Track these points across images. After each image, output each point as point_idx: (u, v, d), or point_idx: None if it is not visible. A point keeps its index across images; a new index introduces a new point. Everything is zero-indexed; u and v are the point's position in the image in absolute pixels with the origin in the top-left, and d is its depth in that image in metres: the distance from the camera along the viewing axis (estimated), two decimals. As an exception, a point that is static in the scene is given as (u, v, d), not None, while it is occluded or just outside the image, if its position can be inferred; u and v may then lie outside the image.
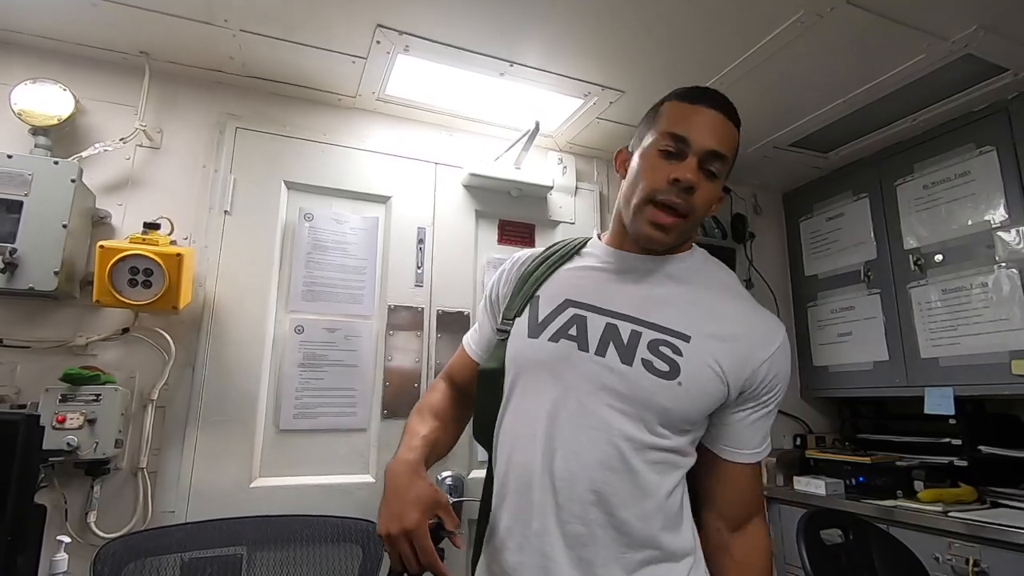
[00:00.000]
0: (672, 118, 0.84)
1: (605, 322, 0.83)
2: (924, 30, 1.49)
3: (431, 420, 0.94)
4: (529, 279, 0.94)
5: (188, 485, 1.48)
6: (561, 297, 0.88)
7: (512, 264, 1.01)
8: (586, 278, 0.91)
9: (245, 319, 1.61)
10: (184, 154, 1.66)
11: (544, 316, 0.87)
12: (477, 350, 1.01)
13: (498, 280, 1.01)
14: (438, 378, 1.06)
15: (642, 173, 0.84)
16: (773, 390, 0.85)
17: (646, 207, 0.82)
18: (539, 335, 0.85)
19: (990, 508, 1.72)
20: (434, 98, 1.86)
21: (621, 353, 0.80)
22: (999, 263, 1.78)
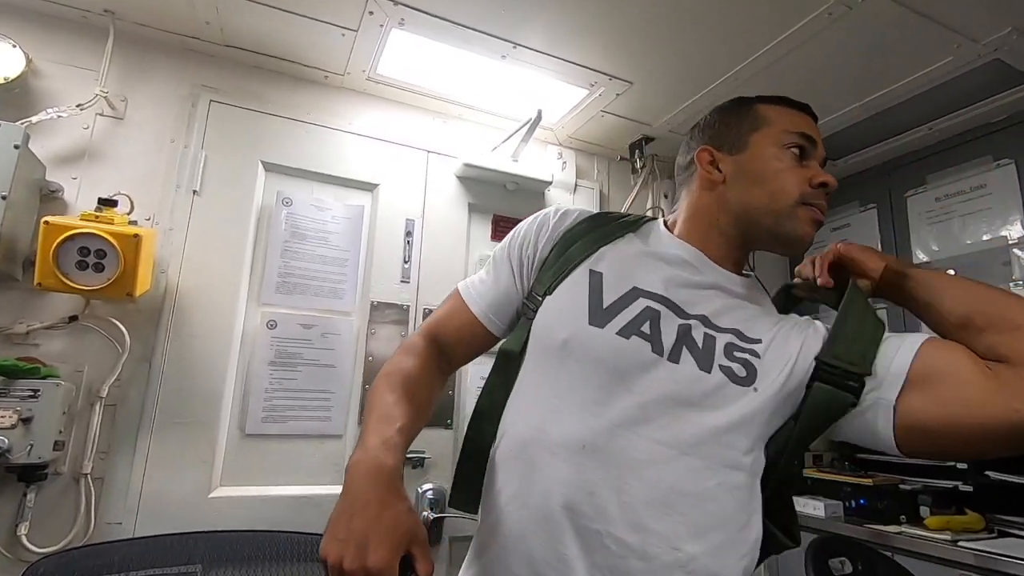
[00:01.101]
0: (792, 120, 0.81)
1: (679, 322, 0.73)
2: (956, 29, 1.40)
3: (406, 402, 0.72)
4: (577, 243, 0.79)
5: (138, 494, 1.32)
6: (628, 282, 0.75)
7: (555, 215, 0.82)
8: (656, 269, 0.78)
9: (211, 311, 1.46)
10: (150, 126, 1.50)
11: (611, 302, 0.73)
12: (483, 305, 0.81)
13: (535, 230, 0.82)
14: (416, 334, 0.84)
15: (782, 176, 0.77)
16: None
17: (801, 209, 0.77)
18: (604, 324, 0.71)
19: (998, 537, 1.64)
20: (429, 80, 1.73)
21: (699, 359, 0.71)
22: (1016, 281, 1.70)
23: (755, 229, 0.79)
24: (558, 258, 0.78)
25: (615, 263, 0.78)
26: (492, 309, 0.81)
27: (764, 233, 0.79)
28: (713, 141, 0.84)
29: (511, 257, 0.82)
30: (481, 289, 0.82)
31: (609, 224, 0.83)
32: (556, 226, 0.81)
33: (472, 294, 0.83)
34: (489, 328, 0.82)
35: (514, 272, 0.81)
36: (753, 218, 0.79)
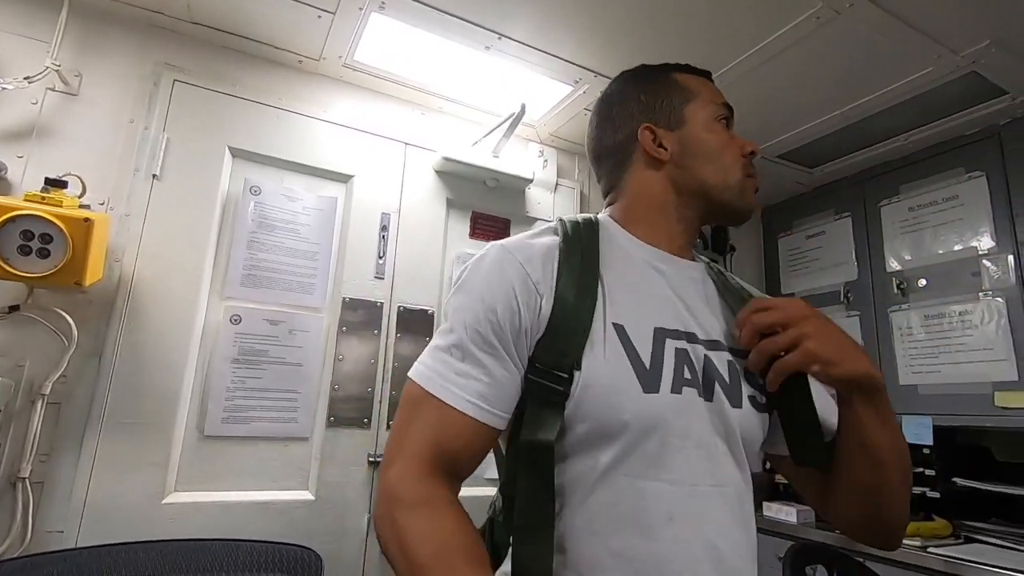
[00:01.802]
0: (710, 90, 0.81)
1: (703, 354, 0.68)
2: (938, 40, 1.41)
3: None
4: (573, 292, 0.64)
5: (83, 500, 1.22)
6: (648, 325, 0.67)
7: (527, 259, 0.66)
8: (653, 287, 0.72)
9: (169, 303, 1.37)
10: (107, 105, 1.40)
11: (650, 358, 0.64)
12: (484, 406, 0.61)
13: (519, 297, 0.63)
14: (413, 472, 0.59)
15: (724, 150, 0.77)
16: None
17: (747, 181, 0.77)
18: (658, 387, 0.63)
19: (964, 543, 1.66)
20: (409, 70, 1.67)
21: (728, 394, 0.68)
22: (985, 291, 1.73)
23: (713, 206, 0.77)
24: (563, 313, 0.63)
25: (623, 304, 0.67)
26: (498, 405, 0.63)
27: (721, 209, 0.78)
28: (649, 117, 0.79)
29: (501, 341, 0.63)
30: (474, 387, 0.62)
31: (582, 241, 0.71)
32: (544, 280, 0.65)
33: (462, 397, 0.61)
34: (497, 427, 0.63)
35: (512, 356, 0.63)
36: (712, 195, 0.76)
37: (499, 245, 0.68)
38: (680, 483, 0.62)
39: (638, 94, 0.81)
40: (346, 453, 1.47)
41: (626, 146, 0.80)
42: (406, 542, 0.56)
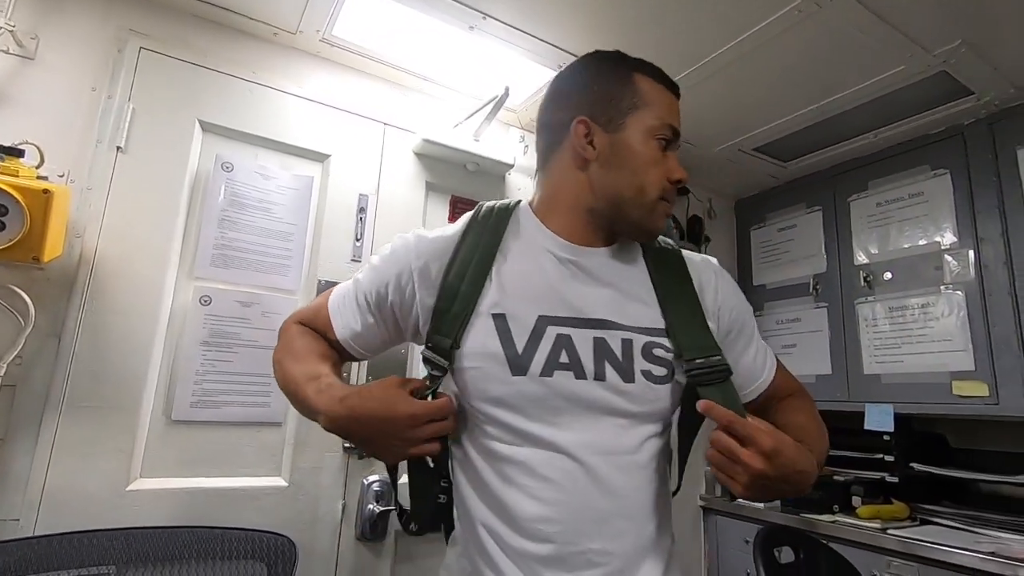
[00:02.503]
0: (665, 106, 0.80)
1: (592, 336, 0.75)
2: (912, 38, 1.45)
3: (320, 362, 0.80)
4: (463, 282, 0.76)
5: (40, 487, 1.16)
6: (532, 312, 0.75)
7: (418, 255, 0.80)
8: (545, 277, 0.78)
9: (135, 283, 1.31)
10: (67, 71, 1.32)
11: (524, 344, 0.73)
12: (347, 334, 0.84)
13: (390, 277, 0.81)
14: (289, 323, 0.90)
15: (649, 167, 0.77)
16: (741, 312, 0.87)
17: (660, 204, 0.78)
18: (525, 371, 0.72)
19: (920, 525, 1.74)
20: (389, 48, 1.62)
21: (620, 371, 0.74)
22: (946, 285, 1.80)
23: (621, 217, 0.80)
24: (452, 301, 0.76)
25: (512, 292, 0.76)
26: (356, 340, 0.85)
27: (628, 223, 0.80)
28: (591, 111, 0.79)
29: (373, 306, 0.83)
30: (349, 317, 0.84)
31: (483, 234, 0.80)
32: (432, 269, 0.79)
33: (339, 319, 0.85)
34: (351, 353, 0.86)
35: (376, 318, 0.83)
36: (622, 208, 0.79)
37: (412, 234, 0.83)
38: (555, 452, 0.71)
39: (592, 83, 0.81)
40: (321, 439, 1.44)
41: (560, 130, 0.82)
42: (277, 351, 0.87)
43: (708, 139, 2.04)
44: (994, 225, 1.72)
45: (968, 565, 1.42)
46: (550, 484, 0.71)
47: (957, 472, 1.81)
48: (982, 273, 1.73)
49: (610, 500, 0.71)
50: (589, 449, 0.71)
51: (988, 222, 1.73)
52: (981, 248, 1.74)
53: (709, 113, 1.85)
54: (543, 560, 0.70)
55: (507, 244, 0.80)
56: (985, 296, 1.71)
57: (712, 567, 2.09)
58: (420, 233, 0.83)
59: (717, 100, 1.78)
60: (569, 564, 0.70)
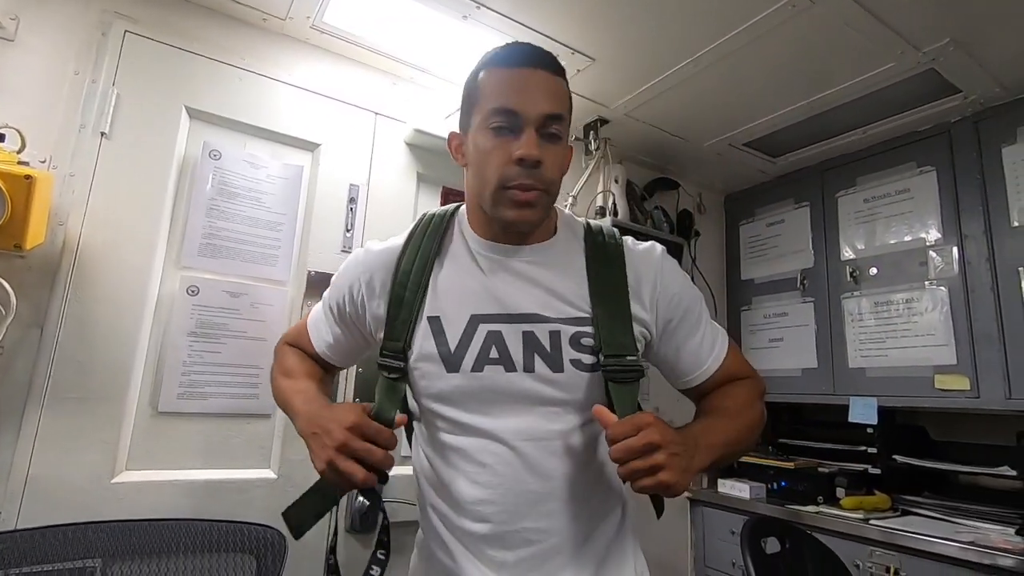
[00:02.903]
0: (495, 90, 0.78)
1: (521, 331, 0.79)
2: (903, 35, 1.46)
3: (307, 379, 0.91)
4: (406, 290, 0.82)
5: (23, 480, 1.14)
6: (465, 313, 0.80)
7: (365, 268, 0.86)
8: (476, 278, 0.83)
9: (120, 272, 1.28)
10: (48, 54, 1.28)
11: (456, 343, 0.79)
12: (323, 346, 0.94)
13: (345, 290, 0.89)
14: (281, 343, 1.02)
15: (485, 159, 0.78)
16: (683, 300, 0.87)
17: (502, 194, 0.77)
18: (458, 367, 0.78)
19: (901, 516, 1.78)
20: (381, 36, 1.60)
21: (549, 362, 0.78)
22: (930, 280, 1.83)
23: (489, 216, 0.81)
24: (399, 308, 0.82)
25: (444, 294, 0.82)
26: (332, 353, 0.94)
27: (494, 220, 0.81)
28: (460, 121, 0.86)
29: (339, 317, 0.91)
30: (323, 331, 0.94)
31: (424, 245, 0.85)
32: (376, 279, 0.85)
33: (315, 333, 0.95)
34: (330, 363, 0.96)
35: (343, 327, 0.91)
36: (483, 207, 0.81)
37: (363, 248, 0.90)
38: (489, 439, 0.77)
39: (461, 98, 0.85)
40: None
41: None
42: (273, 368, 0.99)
43: (699, 134, 2.04)
44: (977, 222, 1.75)
45: (948, 554, 1.46)
46: (486, 469, 0.77)
47: (938, 464, 1.85)
48: (965, 269, 1.76)
49: (542, 482, 0.76)
50: (521, 435, 0.77)
51: (972, 219, 1.76)
52: (965, 245, 1.77)
53: (700, 108, 1.86)
54: (484, 539, 0.76)
55: (444, 250, 0.85)
56: (968, 292, 1.74)
57: (698, 557, 2.12)
58: (368, 247, 0.89)
59: (709, 94, 1.78)
60: (507, 542, 0.76)
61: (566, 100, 0.81)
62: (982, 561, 1.40)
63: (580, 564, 0.78)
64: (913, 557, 1.54)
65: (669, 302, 0.86)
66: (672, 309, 0.86)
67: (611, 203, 1.97)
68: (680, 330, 0.87)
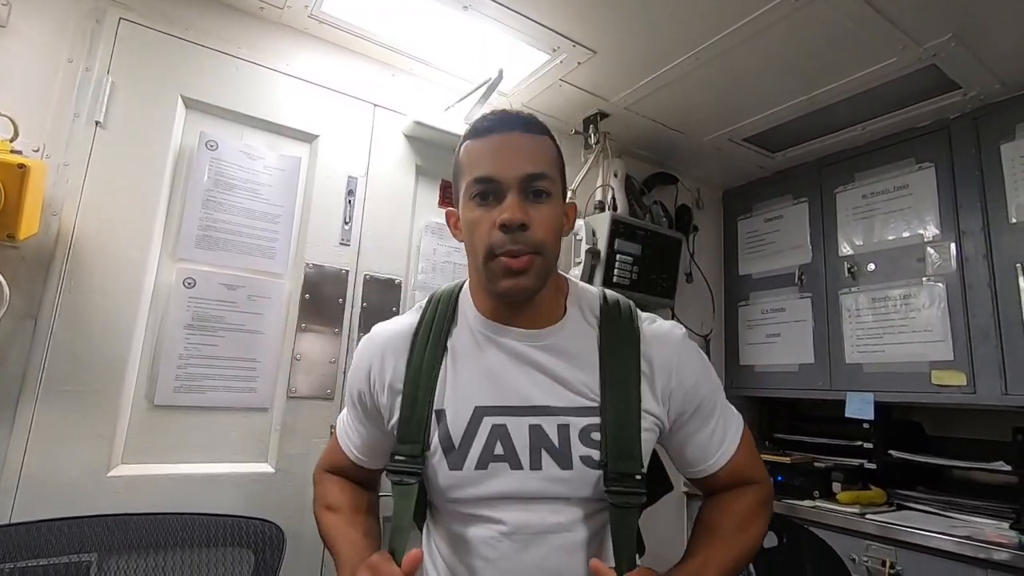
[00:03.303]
0: (472, 161, 0.78)
1: (527, 424, 0.77)
2: (904, 30, 1.46)
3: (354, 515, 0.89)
4: (419, 389, 0.80)
5: (17, 473, 1.12)
6: (469, 405, 0.78)
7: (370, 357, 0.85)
8: (480, 364, 0.80)
9: (115, 263, 1.26)
10: (41, 41, 1.26)
11: (460, 439, 0.77)
12: (355, 453, 0.92)
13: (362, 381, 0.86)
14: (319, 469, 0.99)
15: (472, 230, 0.77)
16: (698, 393, 0.83)
17: (492, 263, 0.75)
18: (462, 465, 0.76)
19: (896, 510, 1.79)
20: (380, 27, 1.58)
21: (557, 459, 0.76)
22: (927, 277, 1.84)
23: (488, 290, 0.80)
24: (412, 405, 0.79)
25: (452, 387, 0.80)
26: (365, 455, 0.91)
27: (491, 293, 0.80)
28: (453, 198, 0.85)
29: (362, 411, 0.88)
30: (353, 439, 0.92)
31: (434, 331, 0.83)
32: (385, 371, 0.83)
33: (346, 445, 0.93)
34: (371, 468, 0.93)
35: (370, 422, 0.88)
36: (481, 281, 0.80)
37: (367, 337, 0.89)
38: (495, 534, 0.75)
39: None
40: (308, 425, 1.42)
41: None
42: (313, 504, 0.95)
43: (698, 128, 2.04)
44: (975, 219, 1.75)
45: (944, 548, 1.47)
46: (490, 564, 0.76)
47: (934, 459, 1.86)
48: (963, 266, 1.76)
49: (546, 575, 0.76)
50: (527, 530, 0.75)
51: (970, 216, 1.77)
52: (963, 241, 1.77)
53: (700, 102, 1.85)
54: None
55: (452, 337, 0.83)
56: (965, 288, 1.75)
57: (695, 552, 2.12)
58: (377, 330, 0.89)
59: (709, 89, 1.77)
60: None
61: (550, 157, 0.79)
62: (977, 555, 1.41)
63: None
64: (909, 551, 1.54)
65: (684, 396, 0.82)
66: (686, 403, 0.83)
67: (610, 197, 1.97)
68: (691, 423, 0.84)
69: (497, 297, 0.79)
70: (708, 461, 0.85)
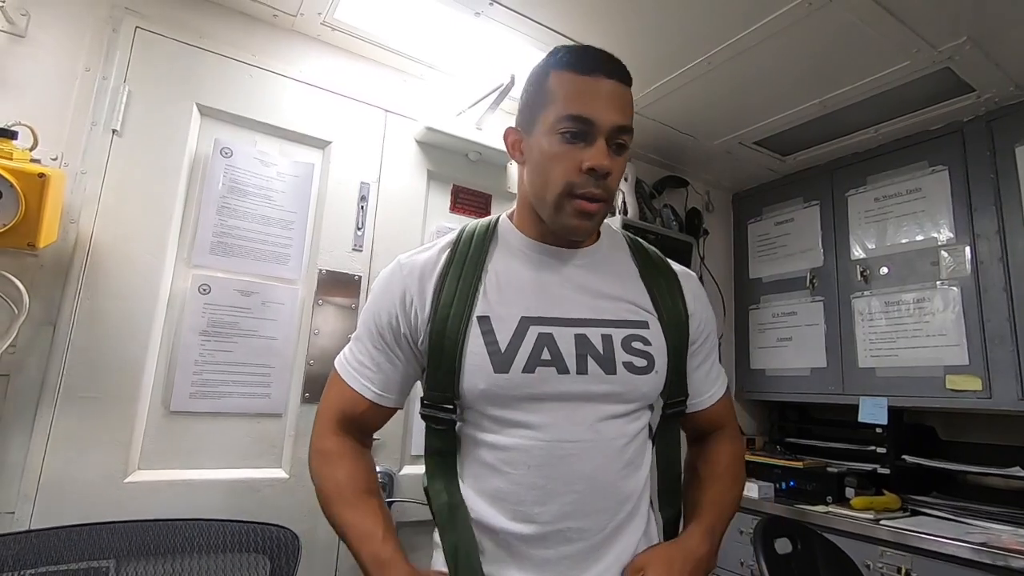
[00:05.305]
0: (569, 95, 0.76)
1: (573, 334, 0.79)
2: (919, 33, 1.45)
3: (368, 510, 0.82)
4: (456, 295, 0.80)
5: (37, 479, 1.13)
6: (515, 315, 0.79)
7: (403, 280, 0.83)
8: (526, 282, 0.83)
9: (132, 270, 1.27)
10: (59, 50, 1.27)
11: (507, 344, 0.78)
12: (375, 390, 0.85)
13: (392, 305, 0.83)
14: (324, 434, 0.87)
15: (551, 164, 0.77)
16: (708, 327, 0.93)
17: (567, 201, 0.78)
18: (508, 368, 0.77)
19: (911, 516, 1.77)
20: (392, 33, 1.59)
21: (603, 364, 0.79)
22: (941, 280, 1.83)
23: (545, 220, 0.82)
24: (446, 314, 0.79)
25: (495, 298, 0.80)
26: (385, 390, 0.86)
27: (550, 226, 0.82)
28: (520, 119, 0.85)
29: (382, 340, 0.84)
30: (367, 374, 0.85)
31: (471, 251, 0.84)
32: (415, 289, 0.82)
33: (358, 381, 0.85)
34: (390, 405, 0.87)
35: (392, 352, 0.84)
36: (540, 211, 0.82)
37: (395, 262, 0.87)
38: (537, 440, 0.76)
39: (524, 91, 0.85)
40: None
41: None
42: (317, 480, 0.86)
43: (708, 132, 2.03)
44: (990, 222, 1.74)
45: (960, 555, 1.45)
46: (532, 470, 0.76)
47: (948, 464, 1.85)
48: (978, 269, 1.75)
49: (587, 482, 0.77)
50: (570, 435, 0.77)
51: (984, 219, 1.75)
52: (977, 244, 1.76)
53: (711, 106, 1.85)
54: (526, 539, 0.76)
55: (490, 261, 0.84)
56: (980, 292, 1.73)
57: (706, 557, 2.11)
58: (405, 259, 0.86)
59: (720, 93, 1.77)
60: (549, 541, 0.76)
61: (632, 112, 0.81)
62: (995, 563, 1.39)
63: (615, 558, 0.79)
64: (924, 558, 1.53)
65: (698, 323, 0.90)
66: (699, 331, 0.91)
67: (621, 201, 1.96)
68: (698, 354, 0.91)
69: (557, 229, 0.82)
70: (707, 394, 0.93)
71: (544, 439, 0.77)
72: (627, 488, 0.81)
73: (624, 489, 0.80)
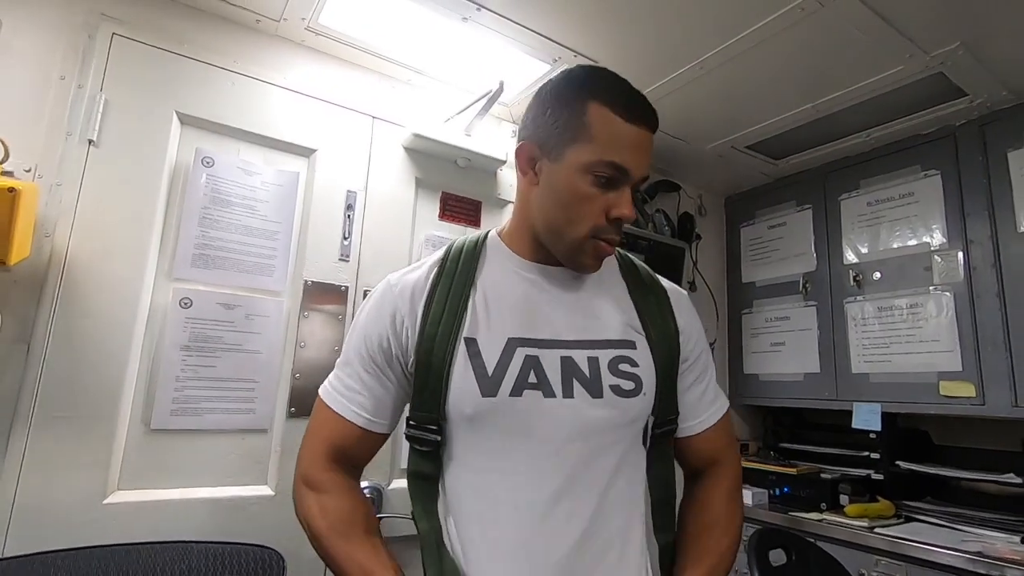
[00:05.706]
0: (612, 141, 0.74)
1: (559, 356, 0.78)
2: (911, 38, 1.44)
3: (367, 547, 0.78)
4: (443, 315, 0.79)
5: (10, 505, 1.09)
6: (503, 336, 0.78)
7: (394, 301, 0.82)
8: (514, 301, 0.81)
9: (110, 284, 1.23)
10: (32, 57, 1.23)
11: (494, 366, 0.76)
12: (365, 417, 0.82)
13: (384, 327, 0.81)
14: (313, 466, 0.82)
15: (580, 204, 0.76)
16: (699, 345, 0.91)
17: (588, 243, 0.78)
18: (496, 391, 0.75)
19: (905, 523, 1.76)
20: (378, 39, 1.55)
21: (589, 388, 0.78)
22: (935, 285, 1.82)
23: (551, 247, 0.81)
24: (434, 334, 0.78)
25: (483, 318, 0.79)
26: (377, 415, 0.83)
27: (558, 254, 0.82)
28: (540, 137, 0.78)
29: (371, 363, 0.82)
30: (358, 400, 0.82)
31: (458, 271, 0.82)
32: (410, 313, 0.80)
33: (348, 408, 0.82)
34: (380, 431, 0.84)
35: (388, 376, 0.82)
36: (549, 238, 0.81)
37: (384, 282, 0.85)
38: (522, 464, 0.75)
39: (549, 106, 0.79)
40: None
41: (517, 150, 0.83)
42: (307, 517, 0.80)
43: (701, 136, 2.01)
44: (983, 227, 1.73)
45: (955, 565, 1.45)
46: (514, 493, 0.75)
47: (942, 470, 1.84)
48: (970, 274, 1.74)
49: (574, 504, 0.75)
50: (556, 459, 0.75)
51: (977, 224, 1.75)
52: (970, 249, 1.75)
53: (704, 110, 1.83)
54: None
55: (478, 279, 0.83)
56: (973, 297, 1.72)
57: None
58: (395, 278, 0.85)
59: (712, 97, 1.75)
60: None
61: None
62: (990, 573, 1.39)
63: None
64: (920, 567, 1.52)
65: (688, 341, 0.88)
66: (689, 351, 0.88)
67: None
68: (690, 372, 0.89)
69: (568, 264, 0.82)
70: (699, 417, 0.89)
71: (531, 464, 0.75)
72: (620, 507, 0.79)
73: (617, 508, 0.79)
